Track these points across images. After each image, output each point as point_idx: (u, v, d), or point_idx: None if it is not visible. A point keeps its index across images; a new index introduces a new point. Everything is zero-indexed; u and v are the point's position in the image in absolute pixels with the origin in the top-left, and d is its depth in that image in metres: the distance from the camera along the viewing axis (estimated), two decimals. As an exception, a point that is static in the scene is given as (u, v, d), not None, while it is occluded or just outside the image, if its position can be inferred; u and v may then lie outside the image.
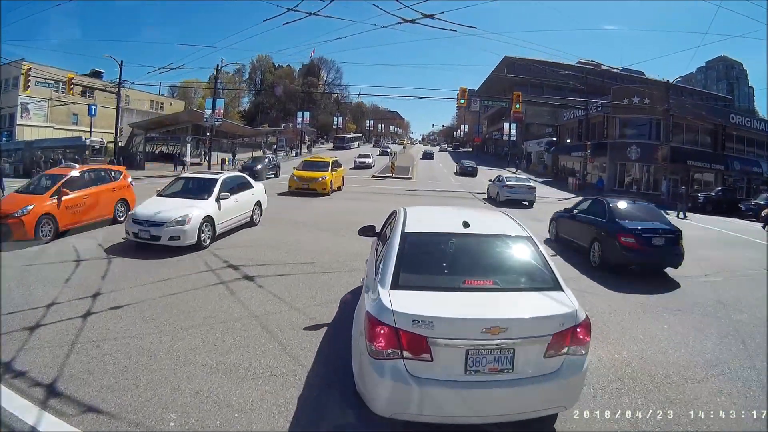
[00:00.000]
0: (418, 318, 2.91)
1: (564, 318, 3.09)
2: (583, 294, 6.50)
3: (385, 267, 3.44)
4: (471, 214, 4.31)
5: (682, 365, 4.61)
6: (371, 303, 3.19)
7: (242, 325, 4.97)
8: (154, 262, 7.49)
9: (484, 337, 2.93)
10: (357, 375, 3.30)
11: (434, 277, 3.50)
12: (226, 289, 6.11)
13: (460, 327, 2.97)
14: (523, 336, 3.00)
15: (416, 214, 4.31)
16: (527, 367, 3.01)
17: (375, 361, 2.96)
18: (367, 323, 3.06)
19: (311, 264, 7.63)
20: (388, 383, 2.93)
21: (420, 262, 3.60)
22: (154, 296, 5.90)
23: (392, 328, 2.93)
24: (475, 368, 2.96)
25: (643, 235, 8.13)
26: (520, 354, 3.00)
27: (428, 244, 3.81)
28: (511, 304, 3.23)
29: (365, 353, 3.04)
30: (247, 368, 4.08)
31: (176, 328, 4.91)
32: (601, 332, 5.22)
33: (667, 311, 6.27)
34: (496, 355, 2.97)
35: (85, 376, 3.96)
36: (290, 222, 11.90)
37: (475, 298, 3.27)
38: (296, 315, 5.31)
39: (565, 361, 3.08)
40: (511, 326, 2.97)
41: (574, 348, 3.10)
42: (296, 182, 18.79)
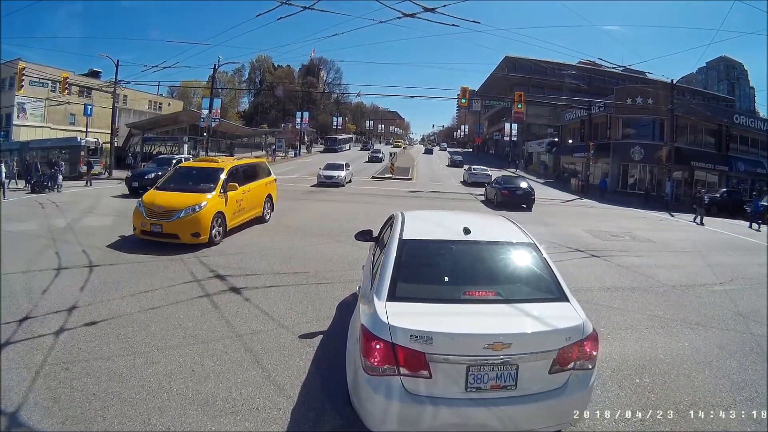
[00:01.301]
0: (416, 333, 2.72)
1: (570, 332, 2.88)
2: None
3: (382, 277, 3.21)
4: (472, 220, 4.15)
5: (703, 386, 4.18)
6: (366, 316, 3.00)
7: (224, 346, 4.52)
8: (137, 272, 7.05)
9: (486, 353, 2.74)
10: (351, 388, 3.12)
11: (433, 287, 3.29)
12: (210, 303, 5.65)
13: (461, 343, 2.76)
14: (527, 351, 2.80)
15: (415, 220, 4.09)
16: (531, 383, 2.82)
17: (370, 377, 2.77)
18: (362, 338, 2.86)
19: (304, 274, 7.16)
20: (383, 400, 2.74)
21: (418, 271, 3.41)
22: (133, 310, 5.47)
23: (388, 344, 2.74)
24: (476, 385, 2.76)
25: (511, 190, 18.48)
26: (523, 370, 2.80)
27: (427, 252, 3.59)
28: (515, 318, 2.97)
29: (360, 368, 2.85)
30: (225, 399, 3.63)
31: (152, 349, 4.47)
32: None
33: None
34: (498, 372, 2.78)
35: (51, 404, 3.58)
36: (283, 227, 11.46)
37: (476, 310, 3.07)
38: (284, 334, 4.85)
39: (570, 377, 2.90)
40: (514, 342, 2.76)
41: (581, 363, 2.91)
42: (141, 219, 8.83)
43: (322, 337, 4.86)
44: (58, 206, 14.22)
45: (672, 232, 15.16)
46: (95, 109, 39.43)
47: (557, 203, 22.64)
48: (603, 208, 22.40)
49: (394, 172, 31.48)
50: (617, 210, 22.00)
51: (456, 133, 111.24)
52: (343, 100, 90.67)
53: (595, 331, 3.01)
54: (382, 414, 2.79)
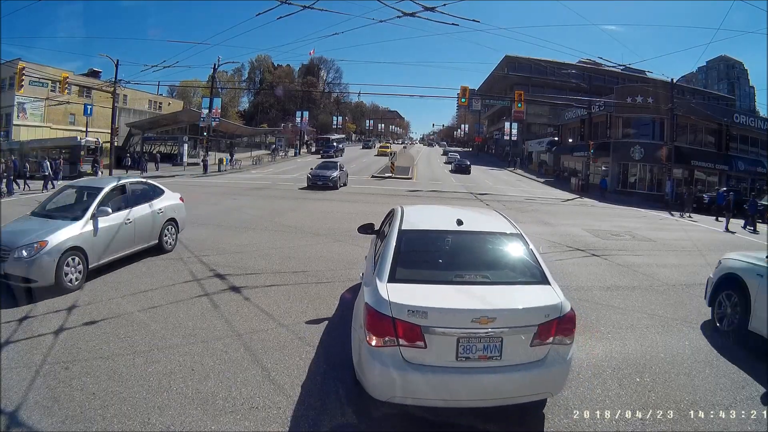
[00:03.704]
0: (413, 308, 3.08)
1: (549, 310, 3.22)
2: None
3: (383, 262, 3.58)
4: (465, 213, 4.44)
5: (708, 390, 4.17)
6: (370, 295, 3.34)
7: (224, 345, 4.51)
8: (137, 271, 7.05)
9: (473, 327, 3.08)
10: (356, 363, 3.47)
11: (429, 271, 3.68)
12: (209, 303, 5.64)
13: (452, 317, 3.12)
14: (510, 326, 3.15)
15: (413, 213, 4.47)
16: (514, 355, 3.16)
17: (373, 348, 3.11)
18: (366, 314, 3.21)
19: (304, 273, 7.17)
20: (385, 369, 3.08)
21: (416, 257, 3.80)
22: (133, 310, 5.47)
23: (389, 318, 3.09)
24: (465, 355, 3.11)
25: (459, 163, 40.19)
26: (507, 343, 3.14)
27: (424, 240, 3.98)
28: (500, 297, 3.35)
29: (364, 342, 3.19)
30: (225, 398, 3.63)
31: (152, 348, 4.47)
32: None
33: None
34: (485, 344, 3.13)
35: (50, 404, 3.58)
36: (283, 226, 11.46)
37: (466, 290, 3.43)
38: (284, 333, 4.84)
39: (550, 351, 3.22)
40: (499, 317, 3.12)
41: (560, 338, 3.23)
42: None
43: (323, 335, 4.87)
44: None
45: (671, 231, 15.16)
46: (95, 109, 39.43)
47: (557, 203, 22.63)
48: (603, 208, 22.39)
49: (394, 171, 31.48)
50: (617, 209, 22.00)
51: (456, 133, 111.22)
52: (343, 100, 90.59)
53: (572, 311, 3.32)
54: (383, 381, 3.13)
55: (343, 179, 23.39)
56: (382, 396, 3.17)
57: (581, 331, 5.32)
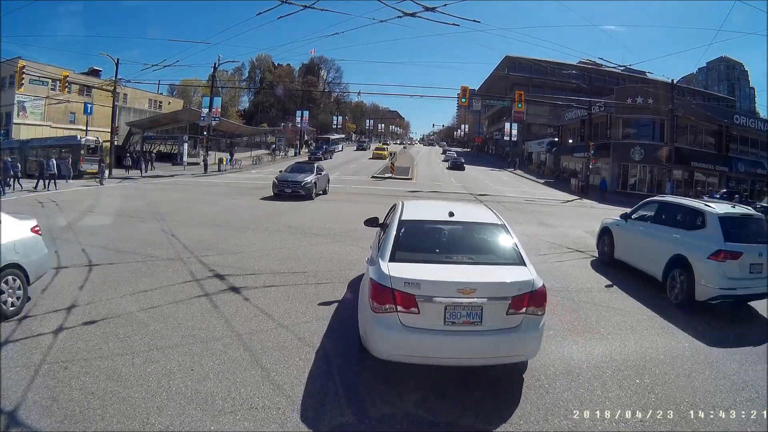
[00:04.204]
0: (408, 280, 3.68)
1: (521, 284, 3.78)
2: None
3: (385, 246, 4.21)
4: (457, 207, 5.03)
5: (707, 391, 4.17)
6: (374, 272, 3.93)
7: (223, 345, 4.50)
8: (137, 271, 7.05)
9: (458, 296, 3.66)
10: (362, 331, 4.09)
11: (423, 254, 4.24)
12: (209, 303, 5.64)
13: (440, 287, 3.70)
14: (488, 296, 3.70)
15: (411, 206, 5.11)
16: (493, 321, 3.72)
17: (376, 315, 3.71)
18: (371, 287, 3.80)
19: (303, 274, 7.15)
20: (385, 332, 3.69)
21: (412, 242, 4.36)
22: (132, 310, 5.46)
23: (389, 289, 3.69)
24: (452, 320, 3.68)
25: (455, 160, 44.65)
26: (486, 311, 3.70)
27: (420, 229, 4.60)
28: (481, 273, 3.95)
29: (369, 310, 3.79)
30: (224, 399, 3.62)
31: (151, 348, 4.46)
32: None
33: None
34: (468, 311, 3.69)
35: (49, 403, 3.57)
36: (283, 227, 11.45)
37: (453, 268, 4.03)
38: (284, 334, 4.83)
39: (524, 319, 3.77)
40: (479, 288, 3.70)
41: (532, 309, 3.79)
42: None
43: (323, 336, 4.87)
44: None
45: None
46: (95, 108, 39.39)
47: (557, 204, 22.62)
48: (603, 209, 22.35)
49: (394, 171, 31.47)
50: (617, 210, 21.91)
51: (456, 133, 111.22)
52: (343, 100, 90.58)
53: (544, 287, 3.89)
54: (384, 342, 3.72)
55: (321, 185, 19.00)
56: (383, 355, 3.78)
57: (581, 332, 5.37)
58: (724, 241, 6.28)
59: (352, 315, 5.43)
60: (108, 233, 9.86)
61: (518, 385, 4.06)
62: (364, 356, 4.12)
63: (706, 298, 6.27)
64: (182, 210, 13.93)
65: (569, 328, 5.47)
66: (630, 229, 8.39)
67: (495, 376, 4.12)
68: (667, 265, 6.95)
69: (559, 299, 6.54)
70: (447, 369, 3.98)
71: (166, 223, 11.16)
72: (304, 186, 17.23)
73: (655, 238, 7.54)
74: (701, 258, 6.37)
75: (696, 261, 6.44)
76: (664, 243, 7.22)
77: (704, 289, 6.26)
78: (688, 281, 6.48)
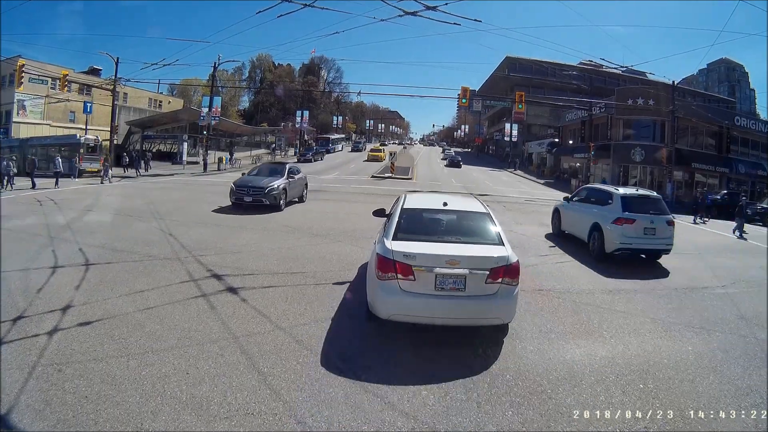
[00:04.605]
0: (407, 253, 4.53)
1: (498, 259, 4.62)
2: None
3: (389, 228, 5.12)
4: (450, 198, 5.95)
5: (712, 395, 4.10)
6: (380, 247, 4.82)
7: (219, 348, 4.42)
8: (135, 271, 6.97)
9: (446, 267, 4.50)
10: (369, 297, 4.90)
11: (419, 235, 5.05)
12: (206, 304, 5.55)
13: (432, 259, 4.53)
14: (470, 268, 4.53)
15: (412, 198, 6.07)
16: (474, 289, 4.53)
17: (380, 282, 4.55)
18: (377, 260, 4.65)
19: (302, 274, 7.07)
20: (388, 296, 4.52)
21: (412, 226, 5.17)
22: (128, 310, 5.39)
23: (391, 260, 4.52)
24: (441, 287, 4.51)
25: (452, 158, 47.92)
26: (469, 280, 4.52)
27: (418, 215, 5.47)
28: (466, 250, 4.75)
29: (374, 279, 4.64)
30: (220, 404, 3.55)
31: (146, 351, 4.39)
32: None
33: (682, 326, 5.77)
34: (454, 279, 4.51)
35: (42, 407, 3.51)
36: (282, 226, 11.37)
37: (443, 245, 4.83)
38: (281, 336, 4.76)
39: (500, 288, 4.58)
40: (462, 261, 4.54)
41: (507, 280, 4.60)
42: None
43: (323, 337, 4.79)
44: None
45: (673, 233, 15.06)
46: (95, 107, 39.31)
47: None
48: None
49: (394, 171, 31.38)
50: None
51: (456, 134, 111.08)
52: (343, 100, 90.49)
53: (517, 263, 4.69)
54: (387, 304, 4.55)
55: (294, 192, 15.16)
56: (386, 314, 4.60)
57: (584, 336, 5.30)
58: (623, 211, 9.05)
59: (353, 314, 5.42)
60: (106, 232, 9.79)
61: (499, 346, 4.82)
62: (366, 359, 4.40)
63: (611, 251, 9.08)
64: (181, 209, 13.84)
65: (571, 331, 5.40)
66: (570, 208, 11.26)
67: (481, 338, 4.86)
68: (589, 230, 9.70)
69: (561, 301, 6.48)
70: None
71: (165, 222, 11.08)
72: (269, 193, 13.28)
73: (584, 213, 10.36)
74: (608, 223, 9.12)
75: (605, 225, 9.17)
76: (588, 215, 10.02)
77: (610, 244, 9.06)
78: (600, 239, 9.25)
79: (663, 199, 10.13)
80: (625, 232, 8.89)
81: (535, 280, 7.44)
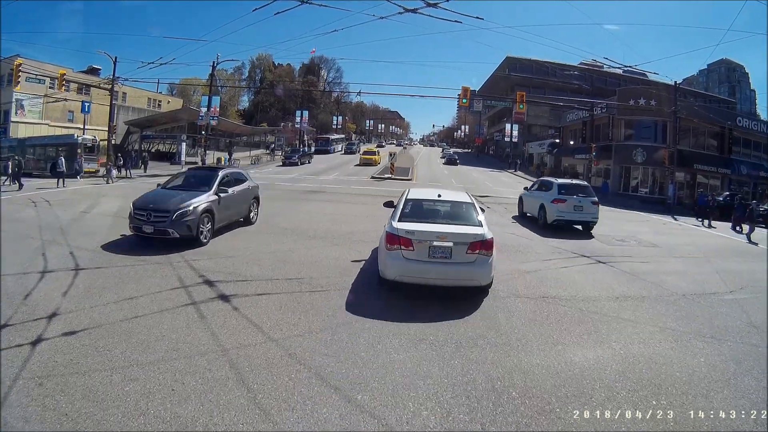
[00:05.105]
0: (408, 230, 5.98)
1: (475, 236, 6.05)
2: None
3: (396, 213, 6.70)
4: (443, 191, 7.57)
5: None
6: (388, 227, 6.26)
7: (208, 362, 4.17)
8: (124, 276, 6.74)
9: (437, 240, 5.92)
10: (380, 265, 6.32)
11: (418, 218, 6.50)
12: (196, 312, 5.30)
13: (426, 235, 5.96)
14: (454, 242, 5.94)
15: (414, 191, 7.70)
16: (458, 258, 5.94)
17: (388, 252, 5.99)
18: (386, 235, 6.12)
19: (297, 280, 6.83)
20: (394, 261, 5.95)
21: (412, 211, 6.70)
22: (115, 319, 5.16)
23: (396, 236, 5.96)
24: (433, 255, 5.93)
25: (450, 156, 53.13)
26: (454, 251, 5.94)
27: (418, 204, 6.97)
28: (452, 228, 6.21)
29: (384, 250, 6.10)
30: (206, 425, 3.31)
31: (131, 364, 4.16)
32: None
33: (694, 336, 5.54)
34: (442, 251, 5.93)
35: (21, 424, 3.33)
36: (278, 228, 11.13)
37: (436, 225, 6.28)
38: (273, 349, 4.50)
39: (477, 258, 5.97)
40: (449, 236, 5.97)
41: (484, 252, 5.99)
42: None
43: (319, 350, 4.55)
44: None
45: (676, 236, 14.85)
46: (94, 107, 39.04)
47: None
48: (605, 211, 21.99)
49: (393, 172, 31.13)
50: (619, 213, 21.70)
51: (456, 134, 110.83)
52: (343, 99, 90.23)
53: (492, 239, 6.10)
54: (393, 268, 5.97)
55: (231, 212, 10.40)
56: (392, 276, 6.03)
57: (592, 347, 5.05)
58: (558, 195, 13.00)
59: (352, 331, 5.12)
60: (98, 235, 9.54)
61: (479, 302, 6.18)
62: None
63: (550, 221, 12.95)
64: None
65: (577, 342, 5.17)
66: (528, 195, 15.28)
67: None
68: (538, 209, 13.63)
69: (567, 309, 6.24)
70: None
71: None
72: (179, 220, 8.55)
73: (535, 198, 14.34)
74: (548, 203, 13.09)
75: (547, 204, 13.13)
76: (538, 199, 13.96)
77: (550, 217, 12.97)
78: (544, 215, 13.17)
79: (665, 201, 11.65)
80: (560, 209, 12.78)
81: (540, 287, 7.22)
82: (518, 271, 8.12)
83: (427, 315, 5.61)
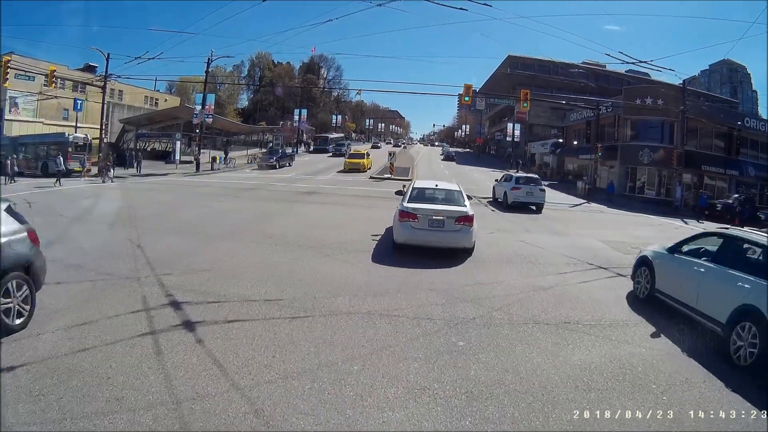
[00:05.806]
0: (414, 208, 8.71)
1: (461, 212, 8.71)
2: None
3: (406, 197, 9.37)
4: (440, 183, 10.74)
5: None
6: (401, 206, 8.96)
7: (153, 419, 3.33)
8: (83, 294, 5.93)
9: (434, 215, 8.59)
10: (394, 234, 9.04)
11: (422, 200, 9.22)
12: (153, 346, 4.45)
13: (427, 211, 8.63)
14: (446, 216, 8.57)
15: (419, 182, 10.86)
16: (448, 227, 8.57)
17: (400, 222, 8.73)
18: (399, 212, 8.88)
19: (277, 302, 5.93)
20: (404, 229, 8.67)
21: (418, 196, 9.46)
22: (59, 353, 4.35)
23: (406, 212, 8.67)
24: (431, 225, 8.57)
25: (448, 153, 61.76)
26: (446, 222, 8.57)
27: (422, 190, 9.83)
28: (445, 207, 8.84)
29: (397, 222, 8.85)
30: None
31: (62, 418, 3.36)
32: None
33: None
34: (438, 222, 8.57)
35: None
36: (267, 236, 10.34)
37: (434, 206, 8.95)
38: (236, 403, 3.57)
39: (462, 227, 8.59)
40: (442, 213, 8.64)
41: (467, 223, 8.63)
42: None
43: (293, 405, 3.73)
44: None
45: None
46: (91, 105, 38.23)
47: (565, 208, 21.48)
48: (612, 214, 21.29)
49: (393, 172, 30.32)
50: (627, 216, 20.91)
51: (457, 134, 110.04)
52: (343, 98, 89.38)
53: (472, 215, 8.78)
54: (404, 234, 8.70)
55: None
56: (402, 240, 8.73)
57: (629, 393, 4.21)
58: (515, 184, 18.58)
59: (336, 376, 4.15)
60: (66, 243, 8.75)
61: (465, 258, 8.69)
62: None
63: (510, 203, 18.32)
64: (158, 215, 12.89)
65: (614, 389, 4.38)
66: (498, 186, 20.54)
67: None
68: (503, 195, 19.08)
69: (593, 338, 5.38)
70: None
71: (136, 231, 10.06)
72: None
73: (501, 186, 19.82)
74: (509, 190, 18.59)
75: (508, 191, 18.64)
76: (503, 187, 19.49)
77: (510, 201, 18.33)
78: (505, 198, 18.72)
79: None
80: (516, 194, 18.15)
81: (558, 308, 6.42)
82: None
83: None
